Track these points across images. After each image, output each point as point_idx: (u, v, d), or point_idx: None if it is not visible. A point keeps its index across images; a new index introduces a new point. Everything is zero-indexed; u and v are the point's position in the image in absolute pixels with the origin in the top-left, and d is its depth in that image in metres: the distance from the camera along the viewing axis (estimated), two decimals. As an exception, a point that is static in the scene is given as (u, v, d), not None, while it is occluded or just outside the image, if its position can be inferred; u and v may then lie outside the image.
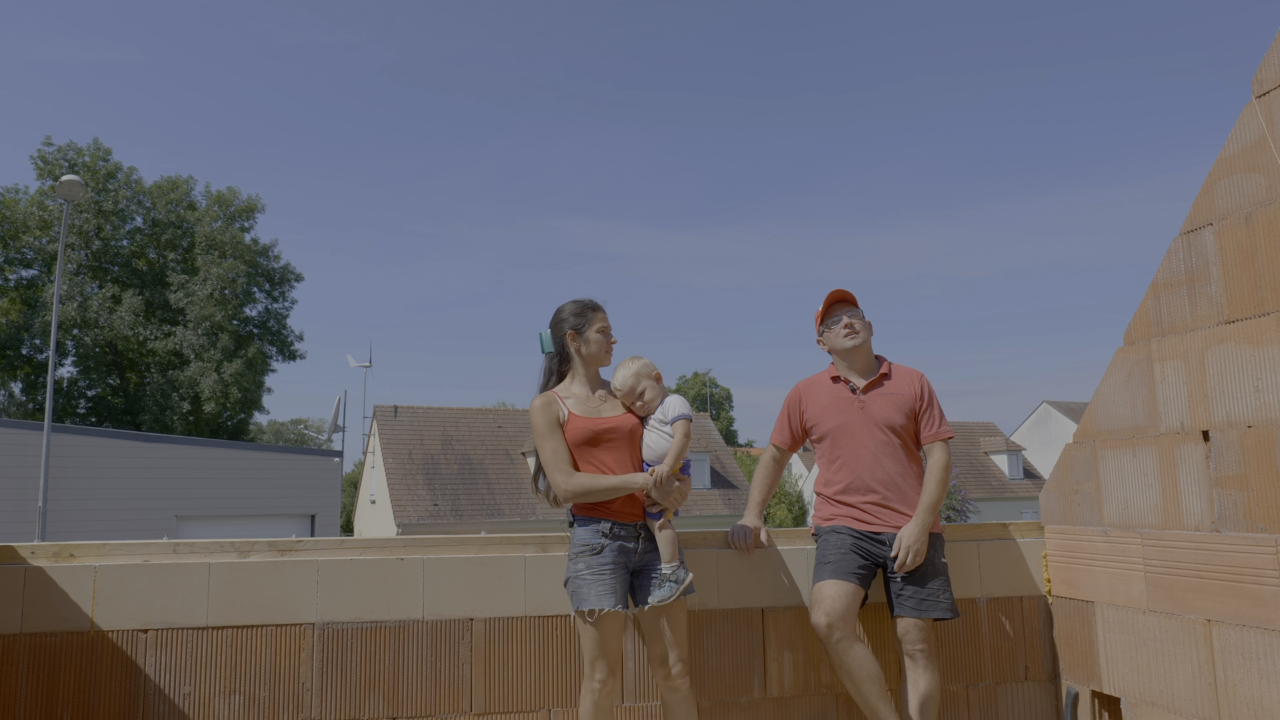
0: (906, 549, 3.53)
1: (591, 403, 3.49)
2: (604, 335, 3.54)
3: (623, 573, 3.34)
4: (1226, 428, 3.18)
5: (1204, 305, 3.30)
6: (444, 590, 3.63)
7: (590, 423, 3.39)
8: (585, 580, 3.28)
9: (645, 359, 3.55)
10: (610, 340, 3.56)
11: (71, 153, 38.24)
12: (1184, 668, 3.34)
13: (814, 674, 3.85)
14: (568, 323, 3.52)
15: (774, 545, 3.91)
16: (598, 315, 3.54)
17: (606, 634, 3.24)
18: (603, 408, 3.48)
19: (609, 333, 3.56)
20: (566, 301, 3.57)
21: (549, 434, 3.39)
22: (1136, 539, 3.53)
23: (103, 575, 3.41)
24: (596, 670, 3.25)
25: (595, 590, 3.25)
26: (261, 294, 41.58)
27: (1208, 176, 3.32)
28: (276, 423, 75.98)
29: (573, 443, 3.39)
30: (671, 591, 3.32)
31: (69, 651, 3.36)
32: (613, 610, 3.23)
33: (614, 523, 3.34)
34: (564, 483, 3.33)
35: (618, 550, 3.33)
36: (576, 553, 3.34)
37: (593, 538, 3.33)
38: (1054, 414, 48.10)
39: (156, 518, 20.94)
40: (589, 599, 3.24)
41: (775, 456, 4.00)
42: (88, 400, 39.57)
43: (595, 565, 3.29)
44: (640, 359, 3.55)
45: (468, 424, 35.03)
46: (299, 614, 3.52)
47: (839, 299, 3.83)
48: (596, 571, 3.28)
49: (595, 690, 3.25)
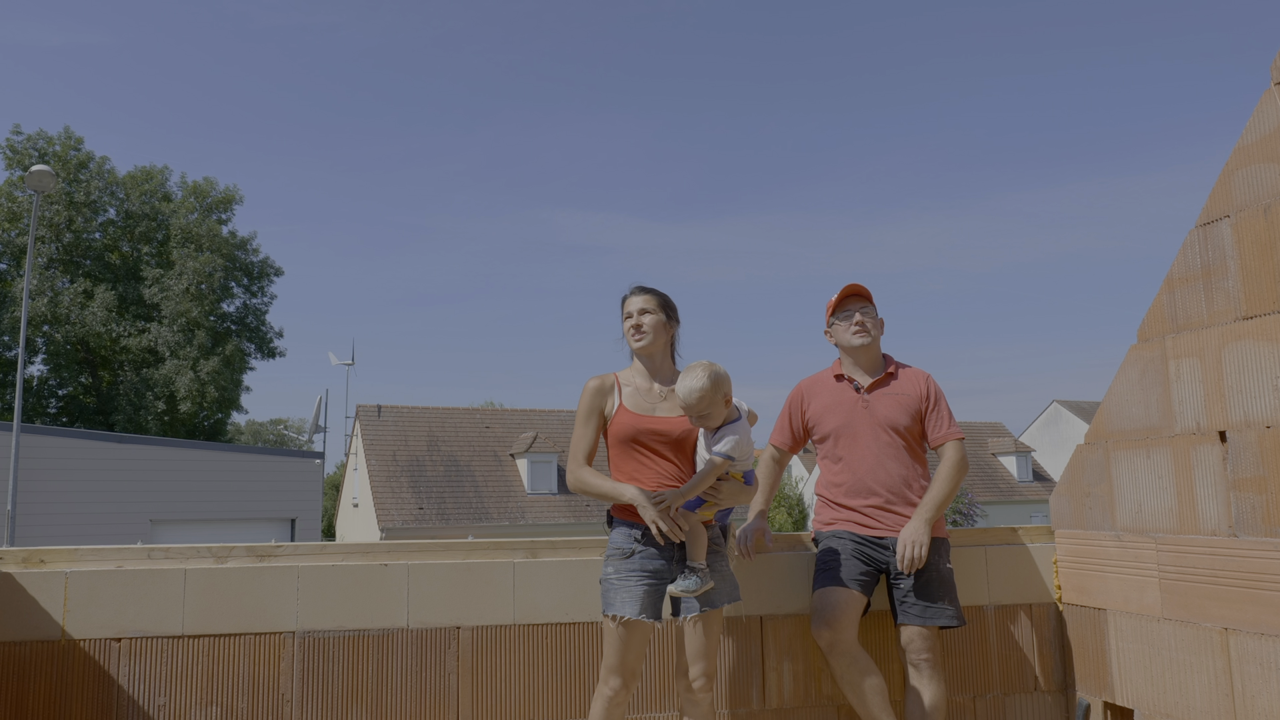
0: (905, 544, 3.53)
1: (648, 397, 3.42)
2: (628, 322, 3.47)
3: (653, 581, 3.26)
4: (1244, 428, 3.18)
5: (1221, 300, 3.30)
6: (429, 598, 3.62)
7: (635, 420, 3.36)
8: (612, 584, 3.27)
9: (716, 369, 3.25)
10: (637, 326, 3.44)
11: (41, 142, 38.10)
12: (1200, 678, 3.34)
13: (815, 684, 3.85)
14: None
15: (773, 549, 3.90)
16: (627, 301, 3.48)
17: (626, 642, 3.20)
18: (659, 404, 3.41)
19: (634, 317, 3.45)
20: None
21: (582, 419, 3.43)
22: (1151, 544, 3.54)
23: (74, 582, 3.40)
24: (611, 678, 3.21)
25: (620, 596, 3.23)
26: (239, 289, 41.47)
27: (1225, 166, 3.32)
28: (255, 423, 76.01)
29: (615, 437, 3.38)
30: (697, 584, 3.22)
31: (39, 661, 3.35)
32: (635, 619, 3.19)
33: (646, 529, 3.29)
34: (570, 471, 3.42)
35: (649, 557, 3.27)
36: (608, 555, 3.35)
37: (624, 541, 3.31)
38: (1065, 414, 48.22)
39: (130, 522, 20.89)
40: (613, 604, 3.23)
41: (775, 457, 3.99)
42: (58, 400, 39.45)
43: (623, 570, 3.26)
44: (709, 371, 3.23)
45: (454, 424, 34.99)
46: (278, 622, 3.51)
47: (853, 293, 3.83)
48: (623, 576, 3.25)
49: (607, 699, 3.21)
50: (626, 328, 3.47)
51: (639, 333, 3.43)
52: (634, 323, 3.44)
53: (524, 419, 36.29)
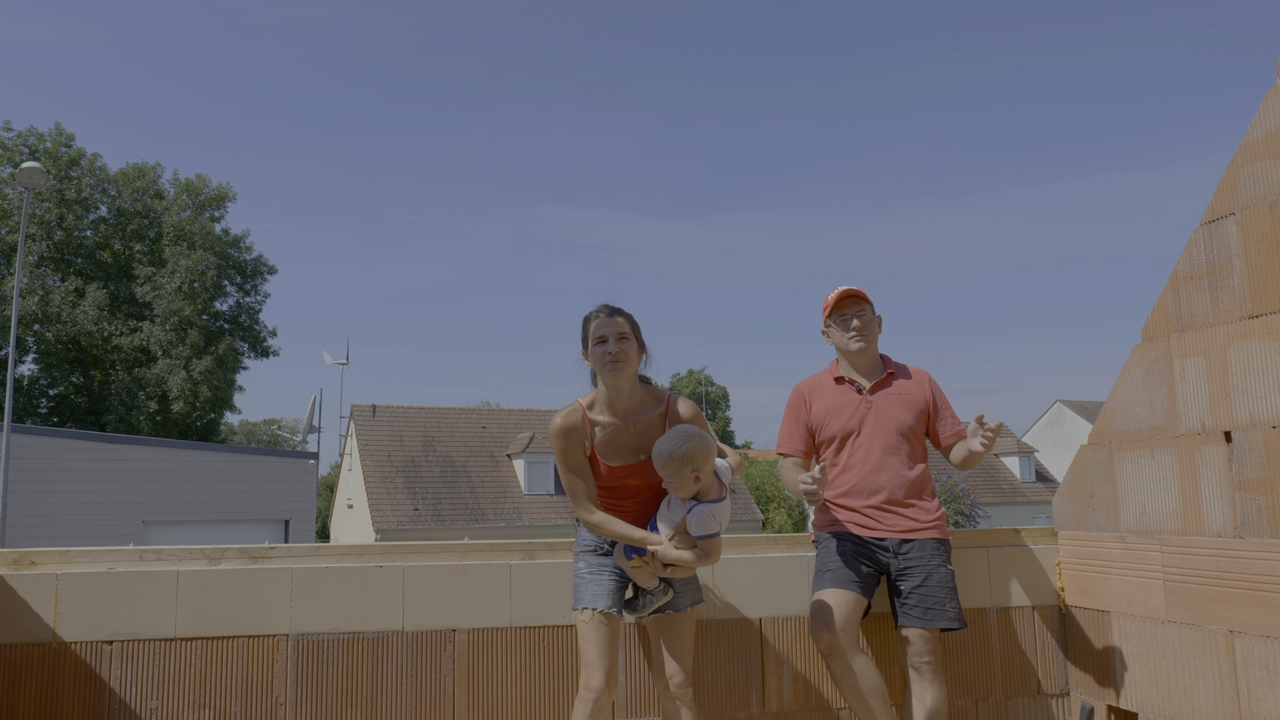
0: None
1: (622, 440, 3.29)
2: (602, 345, 3.22)
3: (624, 579, 3.33)
4: (1250, 428, 3.19)
5: (1226, 299, 3.30)
6: (425, 600, 3.61)
7: (611, 471, 3.30)
8: (584, 579, 3.29)
9: (692, 446, 3.05)
10: (613, 354, 3.20)
11: (32, 138, 38.05)
12: (1205, 681, 3.34)
13: (814, 688, 3.85)
14: (584, 343, 3.30)
15: (773, 551, 3.90)
16: (598, 323, 3.23)
17: (600, 636, 3.19)
18: (638, 449, 3.29)
19: (608, 343, 3.20)
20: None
21: (561, 465, 3.29)
22: (1155, 546, 3.54)
23: (65, 584, 3.39)
24: (591, 678, 3.17)
25: (592, 589, 3.24)
26: (233, 287, 41.44)
27: (1230, 163, 3.32)
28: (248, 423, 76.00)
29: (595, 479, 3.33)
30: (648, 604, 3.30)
31: (29, 664, 3.34)
32: (607, 611, 3.20)
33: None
34: (583, 517, 3.30)
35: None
36: (579, 551, 3.36)
37: (596, 539, 3.35)
38: (1068, 414, 48.26)
39: (122, 523, 20.89)
40: (584, 597, 3.25)
41: (798, 463, 3.88)
42: (49, 399, 39.41)
43: (595, 565, 3.29)
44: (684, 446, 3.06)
45: (450, 424, 34.98)
46: (272, 625, 3.50)
47: (850, 296, 3.82)
48: (596, 571, 3.28)
49: (589, 701, 3.15)
50: (600, 355, 3.20)
51: (616, 364, 3.19)
52: (610, 351, 3.19)
53: (521, 419, 36.28)
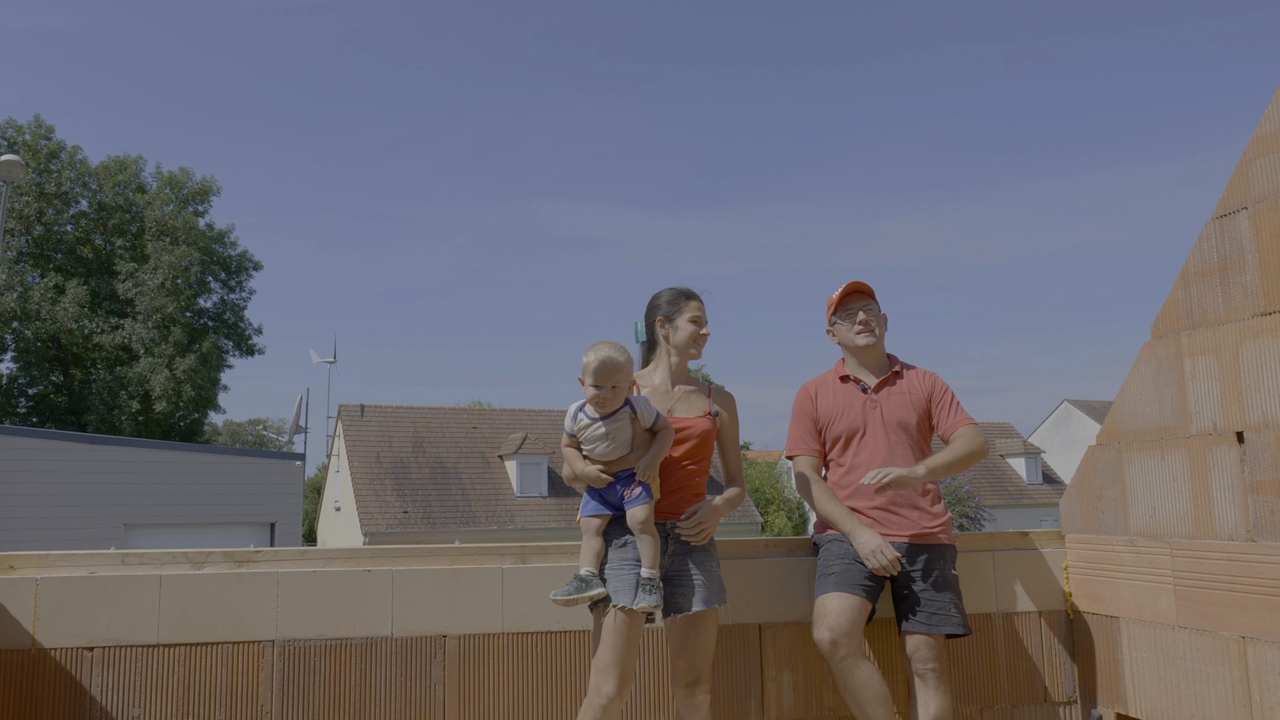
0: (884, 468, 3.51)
1: (668, 398, 3.53)
2: (695, 325, 3.58)
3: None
4: (1263, 428, 3.19)
5: (1238, 296, 3.31)
6: (415, 605, 3.61)
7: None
8: (606, 575, 3.24)
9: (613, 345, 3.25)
10: (701, 331, 3.60)
11: (11, 130, 38.03)
12: (1216, 688, 3.35)
13: (816, 695, 3.86)
14: (660, 309, 3.61)
15: (772, 553, 3.90)
16: (691, 303, 3.60)
17: (623, 634, 3.14)
18: (678, 405, 3.51)
19: (702, 323, 3.60)
20: (665, 288, 3.66)
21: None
22: (1165, 549, 3.54)
23: (44, 588, 3.39)
24: (604, 683, 3.09)
25: (614, 585, 3.20)
26: (217, 284, 41.44)
27: (1242, 156, 3.32)
28: (233, 423, 75.91)
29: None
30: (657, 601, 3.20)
31: (8, 671, 3.34)
32: (633, 607, 3.14)
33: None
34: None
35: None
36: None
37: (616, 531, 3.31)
38: (1076, 414, 48.35)
39: (103, 526, 20.84)
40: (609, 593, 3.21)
41: (815, 465, 3.86)
42: (29, 399, 39.38)
43: (615, 560, 3.24)
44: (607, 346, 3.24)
45: (440, 424, 34.98)
46: (257, 630, 3.50)
47: (855, 290, 3.84)
48: (616, 565, 3.23)
49: (599, 707, 3.08)
50: (691, 335, 3.57)
51: (703, 337, 3.60)
52: (704, 332, 3.60)
53: (513, 419, 36.28)
